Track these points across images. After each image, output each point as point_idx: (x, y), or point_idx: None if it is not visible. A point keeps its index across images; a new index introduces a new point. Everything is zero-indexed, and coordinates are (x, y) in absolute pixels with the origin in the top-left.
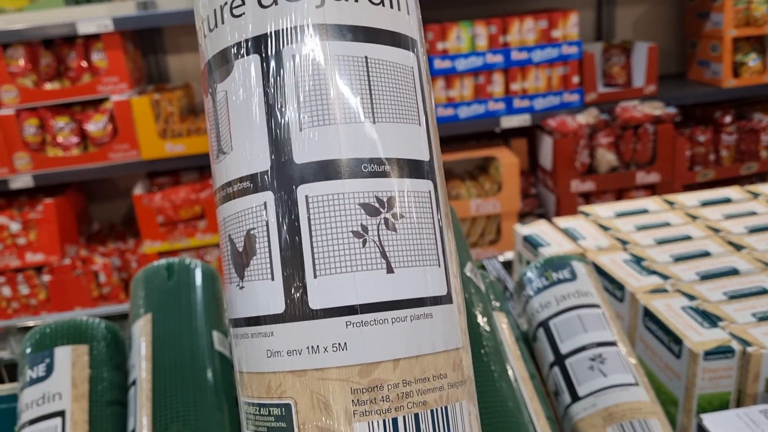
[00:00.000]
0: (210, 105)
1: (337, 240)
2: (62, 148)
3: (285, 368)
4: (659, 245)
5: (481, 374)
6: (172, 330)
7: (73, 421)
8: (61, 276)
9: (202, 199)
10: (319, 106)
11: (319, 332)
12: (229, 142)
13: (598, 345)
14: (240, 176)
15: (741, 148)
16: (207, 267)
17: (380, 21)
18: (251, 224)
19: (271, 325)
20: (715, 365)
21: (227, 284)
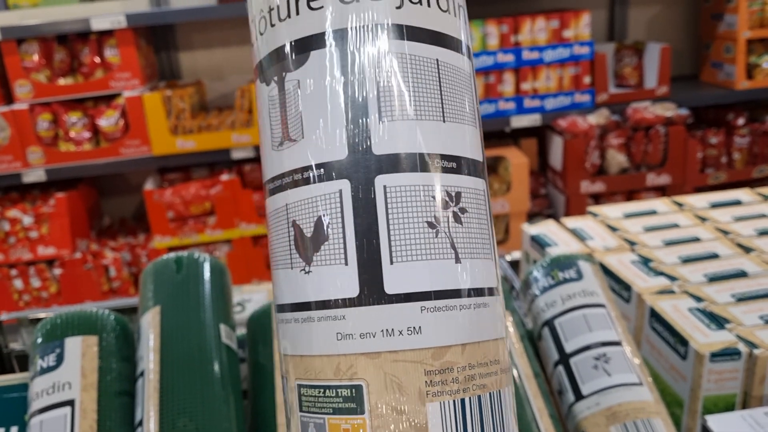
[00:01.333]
0: (274, 93)
1: (413, 229)
2: (74, 143)
3: (357, 350)
4: (667, 246)
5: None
6: (180, 323)
7: (82, 410)
8: (72, 269)
9: (212, 195)
10: (398, 102)
11: (394, 316)
12: (299, 130)
13: (602, 344)
14: (312, 163)
15: (754, 151)
16: (215, 261)
17: (447, 27)
18: (324, 210)
19: (343, 309)
20: (721, 367)
21: (281, 270)
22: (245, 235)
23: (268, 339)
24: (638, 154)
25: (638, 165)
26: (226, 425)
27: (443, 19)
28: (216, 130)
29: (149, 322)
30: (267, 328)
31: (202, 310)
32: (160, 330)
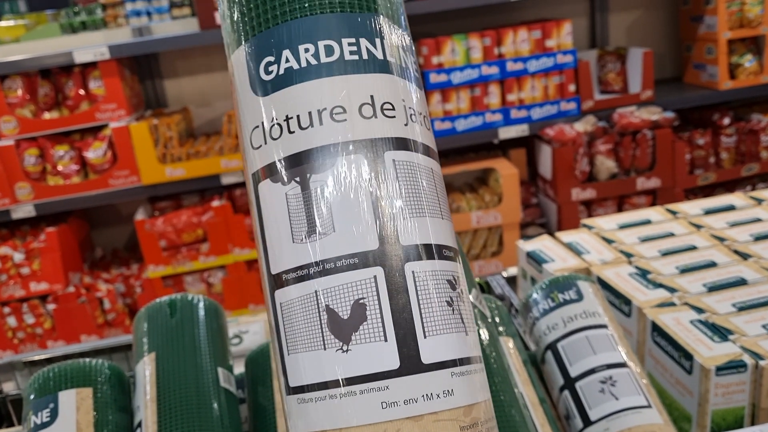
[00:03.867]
0: (297, 191)
1: (438, 307)
2: (63, 176)
3: (403, 416)
4: (664, 257)
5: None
6: (177, 369)
7: None
8: (65, 304)
9: (204, 222)
10: (415, 202)
11: (431, 382)
12: (330, 224)
13: (608, 367)
14: (346, 253)
15: (741, 150)
16: (210, 302)
17: (431, 141)
18: (361, 294)
19: (386, 380)
20: (728, 380)
21: (308, 352)
22: (239, 260)
23: (268, 379)
24: (627, 159)
25: (627, 170)
26: None
27: (430, 136)
28: (204, 156)
29: (144, 370)
30: (266, 368)
31: (198, 354)
32: (156, 378)
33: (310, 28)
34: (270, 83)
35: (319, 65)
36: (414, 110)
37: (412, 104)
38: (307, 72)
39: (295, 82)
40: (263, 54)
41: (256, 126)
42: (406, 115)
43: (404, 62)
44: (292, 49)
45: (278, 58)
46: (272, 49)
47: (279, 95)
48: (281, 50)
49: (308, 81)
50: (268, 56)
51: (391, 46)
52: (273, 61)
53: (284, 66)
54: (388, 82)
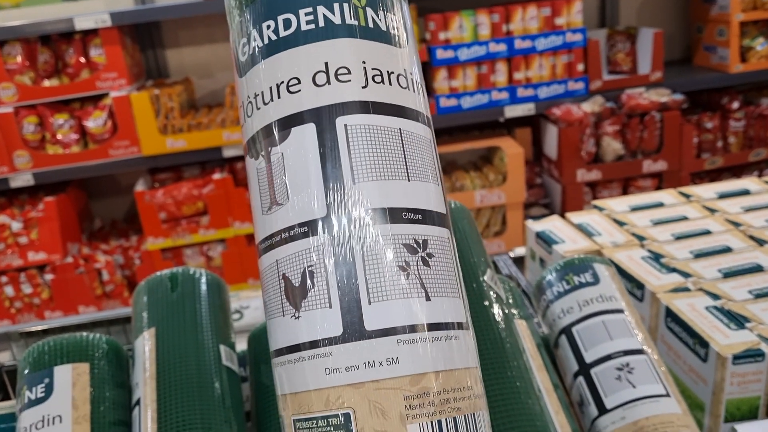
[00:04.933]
0: (262, 165)
1: (387, 273)
2: (62, 145)
3: (344, 382)
4: (678, 241)
5: (507, 389)
6: (177, 345)
7: None
8: (63, 275)
9: (205, 194)
10: (368, 166)
11: (374, 349)
12: (285, 195)
13: (625, 353)
14: (297, 222)
15: (749, 134)
16: (213, 276)
17: (406, 101)
18: (309, 262)
19: (330, 347)
20: (744, 369)
21: (275, 318)
22: (239, 234)
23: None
24: (634, 141)
25: (634, 152)
26: None
27: (404, 94)
28: (206, 128)
29: (144, 346)
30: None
31: (200, 330)
32: (155, 354)
33: (277, 4)
34: (245, 63)
35: (278, 40)
36: (380, 70)
37: (377, 64)
38: (268, 48)
39: (261, 59)
40: (241, 36)
41: (240, 104)
42: (366, 77)
43: (371, 21)
44: (258, 28)
45: (248, 39)
46: (247, 31)
47: (248, 75)
48: (250, 30)
49: (269, 57)
50: (242, 38)
51: (351, 7)
52: (245, 43)
53: (253, 44)
54: (346, 45)
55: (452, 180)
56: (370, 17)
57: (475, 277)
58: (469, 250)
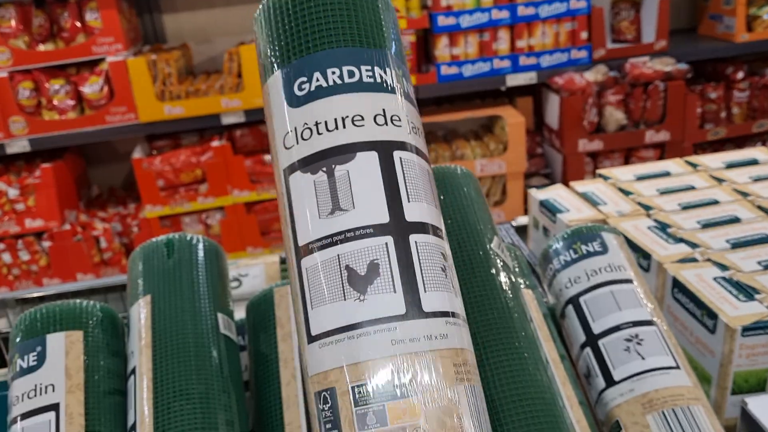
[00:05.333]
0: (323, 178)
1: (434, 270)
2: (58, 111)
3: (408, 351)
4: (685, 210)
5: (515, 360)
6: (174, 313)
7: (68, 415)
8: (61, 242)
9: (203, 162)
10: (416, 189)
11: (431, 326)
12: (351, 203)
13: (634, 324)
14: (363, 225)
15: (753, 105)
16: (210, 243)
17: (424, 147)
18: (374, 256)
19: (395, 323)
20: (753, 341)
21: (330, 303)
22: (238, 202)
23: (270, 327)
24: (637, 111)
25: (637, 122)
26: (227, 416)
27: (422, 141)
28: (204, 95)
29: (139, 314)
30: (268, 315)
31: (197, 298)
32: (151, 322)
33: (336, 57)
34: (303, 97)
35: (344, 84)
36: (413, 124)
37: (412, 119)
38: (333, 89)
39: (323, 96)
40: (297, 76)
41: (288, 131)
42: (408, 127)
43: (404, 87)
44: (321, 71)
45: (310, 79)
46: (305, 72)
47: (310, 106)
48: (312, 72)
49: (334, 96)
50: (301, 77)
51: (396, 75)
52: (305, 81)
53: (315, 84)
54: (394, 100)
55: (453, 149)
56: (403, 82)
57: (482, 244)
58: (475, 217)
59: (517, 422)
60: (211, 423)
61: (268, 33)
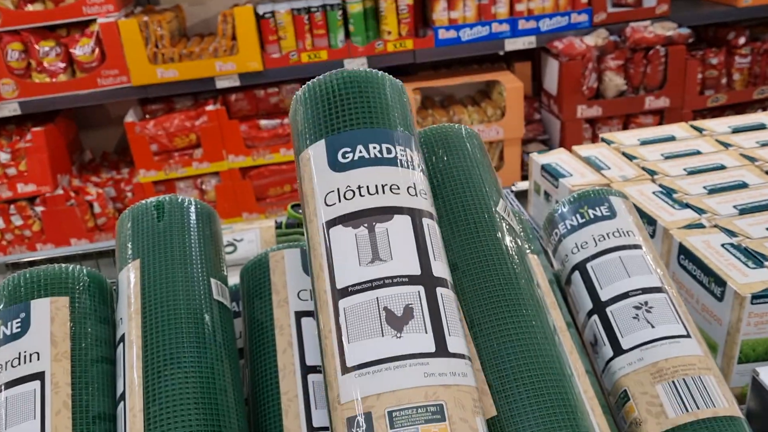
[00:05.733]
0: (364, 233)
1: (455, 319)
2: (49, 74)
3: (438, 383)
4: (690, 175)
5: (523, 328)
6: (164, 278)
7: (54, 384)
8: (54, 207)
9: (198, 126)
10: (438, 250)
11: (455, 365)
12: (389, 255)
13: (643, 291)
14: (400, 274)
15: (754, 71)
16: (203, 206)
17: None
18: (410, 301)
19: (427, 359)
20: (763, 309)
21: (372, 338)
22: (233, 167)
23: (265, 292)
24: (637, 76)
25: (636, 88)
26: (221, 384)
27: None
28: (198, 58)
29: (128, 279)
30: (263, 280)
31: (188, 263)
32: (141, 288)
33: (375, 135)
34: (347, 164)
35: (382, 158)
36: (429, 194)
37: (429, 193)
38: (374, 161)
39: (365, 165)
40: (341, 146)
41: (331, 191)
42: (431, 200)
43: (423, 167)
44: (364, 145)
45: (353, 150)
46: (349, 144)
47: (353, 172)
48: (356, 145)
49: (374, 166)
50: (345, 147)
51: (419, 157)
52: (349, 151)
53: (358, 155)
54: (420, 177)
55: (450, 114)
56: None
57: (487, 207)
58: (480, 179)
59: (525, 393)
60: (203, 391)
61: (313, 108)
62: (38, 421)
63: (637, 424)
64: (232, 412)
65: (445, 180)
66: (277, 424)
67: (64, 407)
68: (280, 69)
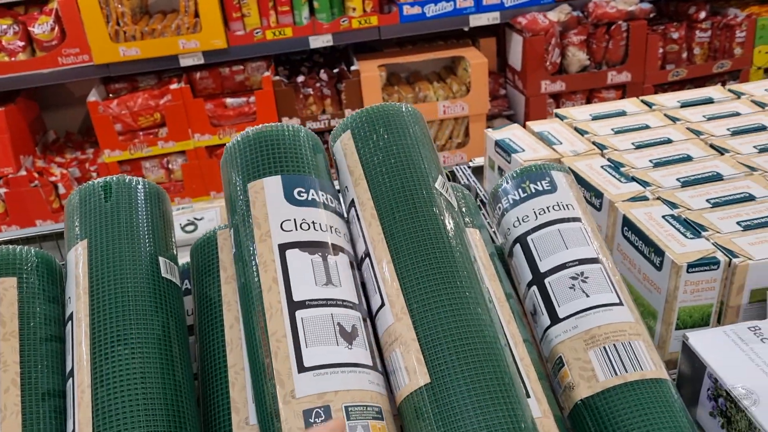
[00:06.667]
0: (319, 259)
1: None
2: (8, 53)
3: (376, 390)
4: (638, 149)
5: (456, 298)
6: (112, 257)
7: (3, 363)
8: (17, 188)
9: (162, 105)
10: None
11: (383, 378)
12: (338, 281)
13: (580, 262)
14: (347, 299)
15: (714, 46)
16: (151, 185)
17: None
18: (355, 323)
19: (369, 369)
20: (698, 278)
21: (328, 346)
22: (199, 146)
23: (214, 269)
24: (599, 52)
25: (599, 63)
26: (167, 358)
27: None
28: (161, 35)
29: (76, 258)
30: (212, 257)
31: (136, 242)
32: (88, 267)
33: (320, 183)
34: (302, 201)
35: (329, 205)
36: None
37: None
38: (324, 205)
39: (317, 207)
40: (296, 185)
41: (287, 219)
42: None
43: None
44: (314, 189)
45: (307, 191)
46: (303, 185)
47: (306, 209)
48: (309, 188)
49: (324, 210)
50: (299, 187)
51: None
52: (304, 191)
53: (311, 196)
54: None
55: (415, 91)
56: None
57: (426, 184)
58: (420, 157)
59: (457, 360)
60: (149, 366)
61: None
62: None
63: (570, 388)
64: (180, 385)
65: (384, 158)
66: (224, 397)
67: (12, 385)
68: (245, 46)
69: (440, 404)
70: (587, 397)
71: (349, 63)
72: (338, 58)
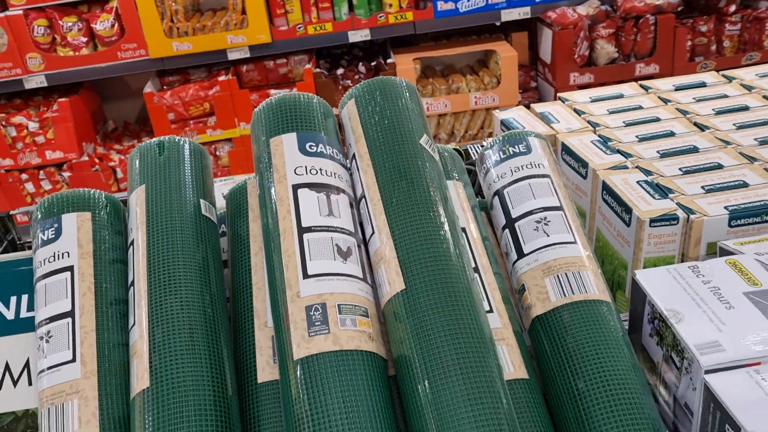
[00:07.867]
0: (324, 198)
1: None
2: (72, 48)
3: (365, 296)
4: (628, 127)
5: (431, 233)
6: (163, 198)
7: (81, 275)
8: (80, 172)
9: (211, 96)
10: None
11: (372, 289)
12: (339, 214)
13: (544, 209)
14: (345, 227)
15: (744, 38)
16: (195, 144)
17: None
18: (350, 245)
19: (359, 280)
20: (660, 231)
21: (325, 259)
22: (245, 134)
23: (243, 212)
24: (627, 45)
25: (627, 55)
26: (204, 273)
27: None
28: (210, 31)
29: (136, 199)
30: (242, 202)
31: (183, 187)
32: (145, 206)
33: (328, 139)
34: (312, 153)
35: (332, 156)
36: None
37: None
38: (330, 156)
39: (324, 157)
40: (308, 140)
41: (300, 166)
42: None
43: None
44: (323, 143)
45: (317, 145)
46: (313, 140)
47: (315, 159)
48: (318, 142)
49: (330, 160)
50: (310, 142)
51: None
52: (314, 145)
53: (320, 149)
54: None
55: (449, 83)
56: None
57: (412, 140)
58: (408, 119)
59: (426, 273)
60: (191, 281)
61: (284, 112)
62: (69, 300)
63: (529, 308)
64: (214, 297)
65: (379, 119)
66: (248, 307)
67: (88, 291)
68: (288, 41)
69: (412, 307)
70: (541, 314)
71: (386, 56)
72: (377, 51)
